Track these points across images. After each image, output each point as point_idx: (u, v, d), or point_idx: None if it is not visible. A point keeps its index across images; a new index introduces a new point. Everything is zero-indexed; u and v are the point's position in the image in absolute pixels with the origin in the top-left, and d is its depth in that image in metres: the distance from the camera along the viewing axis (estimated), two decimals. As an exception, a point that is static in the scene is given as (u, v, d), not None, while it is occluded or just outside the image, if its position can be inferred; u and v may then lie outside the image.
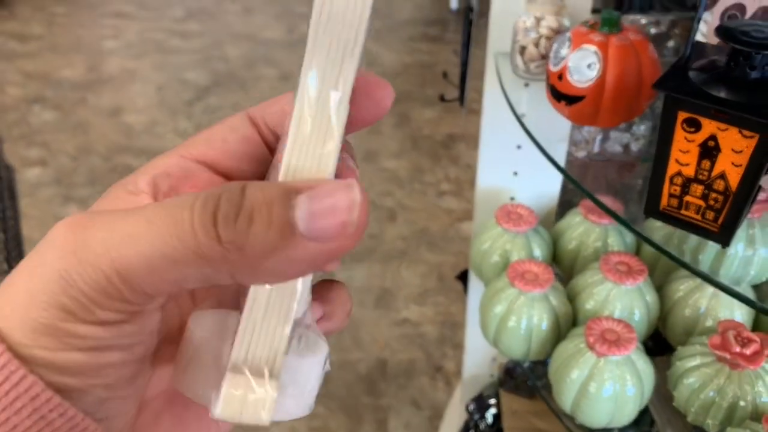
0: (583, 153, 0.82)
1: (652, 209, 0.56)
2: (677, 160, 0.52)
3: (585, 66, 0.65)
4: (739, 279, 0.64)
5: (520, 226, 0.86)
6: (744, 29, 0.48)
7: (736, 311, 0.72)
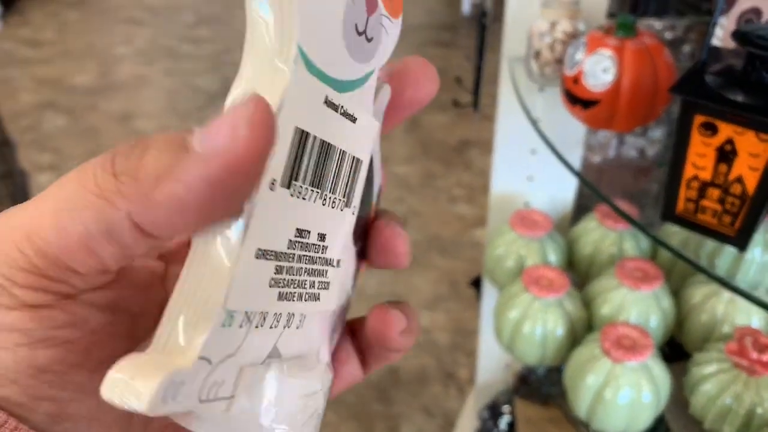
0: (599, 157, 0.82)
1: (668, 214, 0.56)
2: (694, 164, 0.52)
3: (600, 70, 0.65)
4: (757, 284, 0.64)
5: (534, 231, 0.86)
6: (760, 33, 0.47)
7: (754, 317, 0.72)
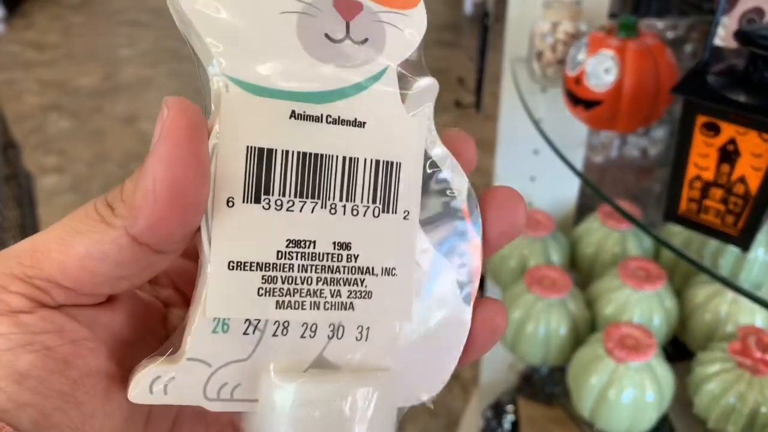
0: (601, 158, 0.82)
1: (671, 214, 0.56)
2: (696, 164, 0.52)
3: (602, 71, 0.65)
4: (760, 283, 0.64)
5: (537, 231, 0.86)
6: (763, 33, 0.48)
7: (757, 316, 0.72)
